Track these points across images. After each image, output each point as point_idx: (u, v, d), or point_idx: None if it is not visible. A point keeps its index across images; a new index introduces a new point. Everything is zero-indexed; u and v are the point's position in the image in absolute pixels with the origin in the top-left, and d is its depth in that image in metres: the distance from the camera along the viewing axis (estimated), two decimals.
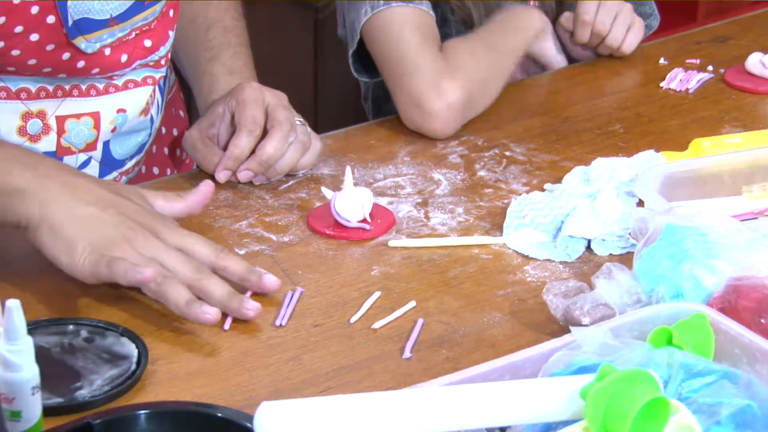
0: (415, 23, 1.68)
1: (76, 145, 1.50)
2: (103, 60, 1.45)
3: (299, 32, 2.87)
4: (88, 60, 1.44)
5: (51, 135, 1.48)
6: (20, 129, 1.46)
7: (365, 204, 1.43)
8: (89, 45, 1.43)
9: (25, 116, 1.46)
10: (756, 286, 1.16)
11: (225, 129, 1.52)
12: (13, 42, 1.38)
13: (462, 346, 1.25)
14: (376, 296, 1.32)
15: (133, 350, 1.20)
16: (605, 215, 1.40)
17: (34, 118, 1.46)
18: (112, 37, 1.45)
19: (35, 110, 1.46)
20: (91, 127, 1.50)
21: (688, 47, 1.93)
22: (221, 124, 1.52)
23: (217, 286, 1.25)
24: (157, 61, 1.54)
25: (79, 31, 1.41)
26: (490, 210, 1.49)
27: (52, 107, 1.47)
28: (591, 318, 1.21)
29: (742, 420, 0.97)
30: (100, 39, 1.44)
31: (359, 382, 1.19)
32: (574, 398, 0.97)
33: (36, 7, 1.37)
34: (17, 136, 1.46)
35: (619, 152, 1.60)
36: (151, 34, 1.50)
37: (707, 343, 1.08)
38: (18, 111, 1.45)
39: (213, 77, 1.61)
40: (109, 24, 1.43)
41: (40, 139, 1.47)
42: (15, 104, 1.45)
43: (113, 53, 1.46)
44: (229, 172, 1.50)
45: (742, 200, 1.46)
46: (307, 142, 1.52)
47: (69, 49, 1.42)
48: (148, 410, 1.07)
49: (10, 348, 1.03)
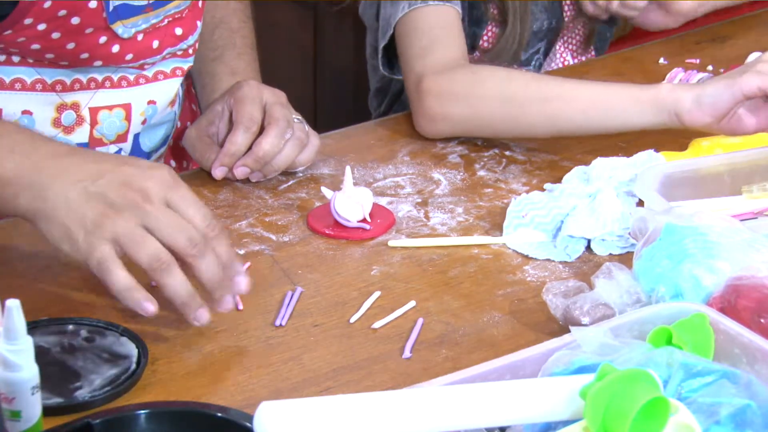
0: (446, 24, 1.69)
1: (107, 137, 1.53)
2: (136, 45, 1.48)
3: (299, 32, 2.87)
4: (123, 45, 1.46)
5: (84, 126, 1.50)
6: (55, 120, 1.48)
7: (365, 204, 1.43)
8: (126, 30, 1.45)
9: (60, 108, 1.48)
10: (756, 286, 1.16)
11: (224, 127, 1.53)
12: (55, 24, 1.40)
13: (462, 346, 1.25)
14: (376, 296, 1.32)
15: (133, 350, 1.20)
16: (605, 215, 1.40)
17: (68, 109, 1.49)
18: (147, 23, 1.48)
19: (69, 102, 1.48)
20: (123, 119, 1.53)
21: (688, 47, 1.93)
22: (220, 122, 1.53)
23: (209, 266, 1.20)
24: (186, 51, 1.56)
25: (117, 16, 1.44)
26: (490, 210, 1.49)
27: (86, 99, 1.49)
28: (591, 318, 1.21)
29: (741, 420, 0.97)
30: (136, 24, 1.46)
31: (359, 382, 1.19)
32: (574, 398, 0.97)
33: None
34: (52, 127, 1.49)
35: (619, 152, 1.60)
36: (182, 23, 1.53)
37: (707, 343, 1.08)
38: (53, 103, 1.48)
39: (215, 77, 1.62)
40: (145, 10, 1.46)
41: (73, 131, 1.50)
42: (50, 96, 1.47)
43: (145, 39, 1.48)
44: (225, 168, 1.50)
45: (742, 200, 1.46)
46: (305, 139, 1.52)
47: (106, 33, 1.44)
48: (148, 410, 1.07)
49: (10, 348, 1.03)
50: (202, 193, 1.51)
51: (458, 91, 1.61)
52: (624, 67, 1.87)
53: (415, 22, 1.69)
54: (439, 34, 1.68)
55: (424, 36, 1.68)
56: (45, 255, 1.35)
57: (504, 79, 1.62)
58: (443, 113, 1.62)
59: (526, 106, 1.59)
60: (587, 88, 1.59)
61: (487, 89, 1.60)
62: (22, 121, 1.47)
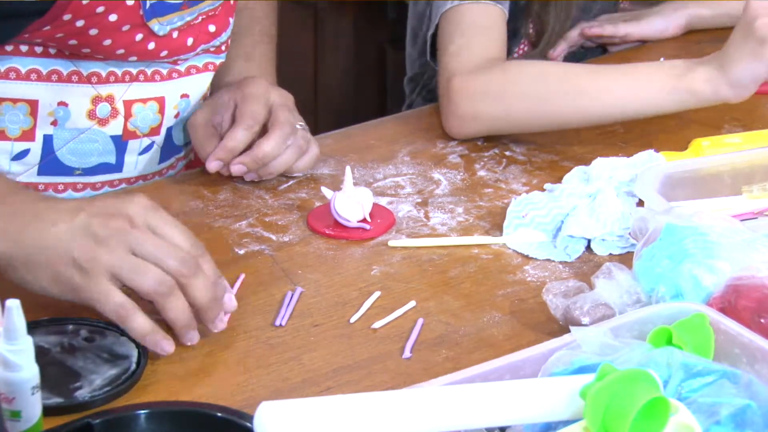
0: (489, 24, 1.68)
1: (141, 129, 1.53)
2: (172, 43, 1.48)
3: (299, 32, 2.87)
4: (158, 42, 1.47)
5: (119, 119, 1.51)
6: (90, 112, 1.49)
7: (365, 204, 1.43)
8: (161, 27, 1.46)
9: (95, 100, 1.49)
10: (756, 286, 1.16)
11: (228, 119, 1.52)
12: (93, 21, 1.40)
13: (462, 346, 1.25)
14: (376, 296, 1.32)
15: (133, 350, 1.20)
16: (605, 215, 1.40)
17: (103, 101, 1.49)
18: (182, 20, 1.48)
19: (105, 94, 1.49)
20: (156, 112, 1.53)
21: (688, 47, 1.93)
22: (225, 113, 1.53)
23: (203, 288, 1.19)
24: (218, 47, 1.57)
25: (154, 13, 1.44)
26: (490, 210, 1.49)
27: (120, 91, 1.50)
28: (591, 318, 1.21)
29: (741, 420, 0.97)
30: (171, 22, 1.47)
31: (359, 382, 1.19)
32: (574, 398, 0.97)
33: None
34: (87, 119, 1.49)
35: (619, 152, 1.60)
36: (216, 20, 1.53)
37: (707, 343, 1.08)
38: (89, 95, 1.48)
39: (228, 59, 1.61)
40: (181, 8, 1.47)
41: (108, 123, 1.50)
42: (86, 88, 1.48)
43: (180, 36, 1.49)
44: (220, 162, 1.50)
45: (742, 200, 1.46)
46: (305, 146, 1.52)
47: (142, 30, 1.44)
48: (148, 410, 1.07)
49: (10, 348, 1.03)
50: (202, 192, 1.51)
51: (489, 90, 1.61)
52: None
53: (459, 17, 1.68)
54: (479, 33, 1.67)
55: (464, 34, 1.67)
56: None
57: (537, 76, 1.62)
58: (474, 113, 1.61)
59: (560, 102, 1.60)
60: (622, 78, 1.59)
61: (519, 88, 1.60)
62: (58, 113, 1.47)
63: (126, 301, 1.17)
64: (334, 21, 2.89)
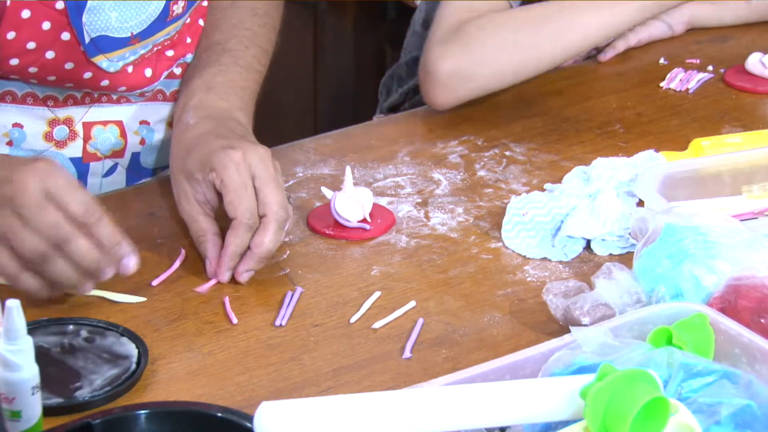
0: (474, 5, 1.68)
1: (102, 152, 1.49)
2: (128, 78, 1.42)
3: (299, 32, 2.87)
4: (112, 79, 1.41)
5: (77, 141, 1.47)
6: (46, 135, 1.45)
7: (365, 204, 1.43)
8: (111, 64, 1.39)
9: (52, 123, 1.45)
10: (756, 286, 1.16)
11: (212, 196, 1.34)
12: (29, 59, 1.35)
13: (462, 346, 1.25)
14: (376, 296, 1.32)
15: (133, 350, 1.20)
16: (605, 215, 1.40)
17: (60, 124, 1.45)
18: (135, 54, 1.42)
19: (62, 117, 1.45)
20: (118, 135, 1.49)
21: (688, 47, 1.93)
22: (207, 192, 1.34)
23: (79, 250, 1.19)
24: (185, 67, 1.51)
25: (98, 49, 1.38)
26: (490, 210, 1.49)
27: (80, 114, 1.45)
28: (591, 318, 1.21)
29: (741, 420, 0.97)
30: (123, 57, 1.40)
31: (359, 382, 1.19)
32: (574, 398, 0.97)
33: (47, 23, 1.34)
34: (43, 141, 1.45)
35: (619, 152, 1.60)
36: (173, 45, 1.47)
37: (707, 343, 1.08)
38: (45, 117, 1.44)
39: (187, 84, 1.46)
40: (131, 42, 1.39)
41: (66, 145, 1.47)
42: (42, 110, 1.43)
43: (136, 70, 1.43)
44: (230, 272, 1.32)
45: (742, 200, 1.46)
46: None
47: (90, 68, 1.39)
48: (148, 410, 1.06)
49: (10, 348, 1.03)
50: None
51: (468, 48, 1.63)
52: (624, 66, 1.87)
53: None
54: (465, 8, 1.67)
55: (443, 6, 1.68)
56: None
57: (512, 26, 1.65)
58: (456, 74, 1.63)
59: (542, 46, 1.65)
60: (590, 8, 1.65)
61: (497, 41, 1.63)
62: (13, 134, 1.44)
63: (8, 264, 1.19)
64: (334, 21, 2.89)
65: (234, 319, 1.27)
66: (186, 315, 1.27)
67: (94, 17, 1.36)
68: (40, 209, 1.18)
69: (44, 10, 1.33)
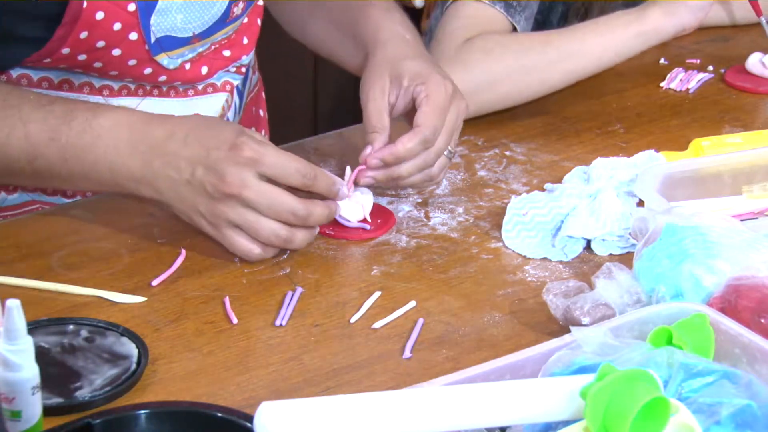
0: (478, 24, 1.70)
1: None
2: (185, 74, 1.47)
3: None
4: (170, 75, 1.45)
5: None
6: None
7: (365, 204, 1.43)
8: (171, 61, 1.44)
9: None
10: (756, 286, 1.16)
11: (401, 104, 1.43)
12: (95, 55, 1.39)
13: (462, 346, 1.25)
14: (376, 296, 1.32)
15: (133, 350, 1.20)
16: (605, 215, 1.40)
17: None
18: (193, 52, 1.46)
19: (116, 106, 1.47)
20: None
21: (688, 47, 1.93)
22: (400, 99, 1.43)
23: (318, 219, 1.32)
24: (238, 68, 1.55)
25: (161, 48, 1.42)
26: (490, 210, 1.49)
27: (133, 105, 1.47)
28: (591, 318, 1.21)
29: (742, 420, 0.97)
30: (182, 55, 1.45)
31: (359, 382, 1.19)
32: (574, 398, 0.97)
33: (118, 23, 1.38)
34: None
35: (619, 152, 1.60)
36: (230, 45, 1.51)
37: (707, 343, 1.08)
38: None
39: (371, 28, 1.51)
40: (192, 41, 1.45)
41: None
42: (97, 100, 1.46)
43: (193, 67, 1.47)
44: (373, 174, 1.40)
45: (742, 200, 1.46)
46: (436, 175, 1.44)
47: (151, 64, 1.43)
48: (148, 410, 1.07)
49: (10, 348, 1.03)
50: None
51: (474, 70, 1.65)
52: (624, 66, 1.86)
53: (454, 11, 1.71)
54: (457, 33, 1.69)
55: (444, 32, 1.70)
56: (45, 255, 1.35)
57: (519, 50, 1.67)
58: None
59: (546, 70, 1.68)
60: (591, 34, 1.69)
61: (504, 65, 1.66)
62: None
63: (252, 246, 1.32)
64: None
65: (234, 319, 1.27)
66: (186, 315, 1.27)
67: (162, 18, 1.41)
68: (269, 198, 1.29)
69: (117, 11, 1.37)
